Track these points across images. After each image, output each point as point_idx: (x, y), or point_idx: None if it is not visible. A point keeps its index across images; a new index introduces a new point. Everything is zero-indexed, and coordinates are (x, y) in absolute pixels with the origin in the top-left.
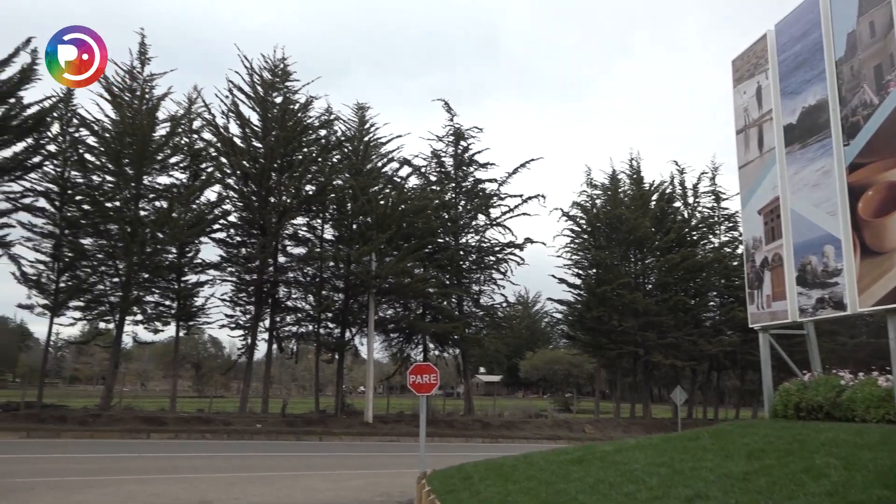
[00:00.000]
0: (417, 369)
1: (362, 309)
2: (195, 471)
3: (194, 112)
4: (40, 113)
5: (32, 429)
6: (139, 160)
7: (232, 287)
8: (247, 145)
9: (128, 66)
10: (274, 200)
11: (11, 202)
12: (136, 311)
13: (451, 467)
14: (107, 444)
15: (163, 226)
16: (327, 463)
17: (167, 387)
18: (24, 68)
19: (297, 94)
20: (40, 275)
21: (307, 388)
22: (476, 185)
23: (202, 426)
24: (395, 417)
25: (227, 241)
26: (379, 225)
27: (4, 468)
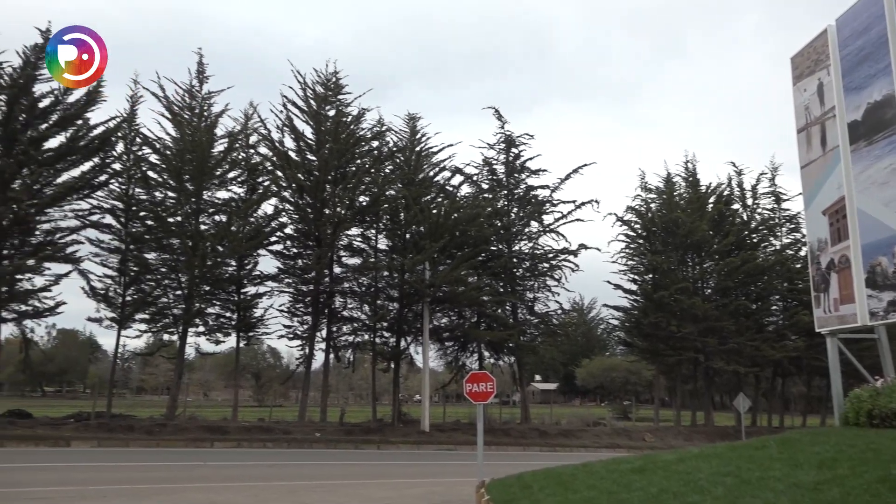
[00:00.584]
0: (474, 378)
1: (417, 318)
2: (257, 479)
3: (250, 127)
4: (105, 133)
5: (103, 438)
6: (199, 176)
7: (289, 298)
8: (301, 158)
9: (187, 86)
10: (329, 212)
11: (80, 219)
12: (198, 322)
13: (510, 476)
14: (172, 453)
15: (222, 239)
16: (386, 471)
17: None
18: (90, 91)
19: (349, 107)
20: (108, 289)
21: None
22: (528, 192)
23: (263, 435)
24: (452, 426)
25: (284, 253)
26: (432, 234)
27: (78, 476)
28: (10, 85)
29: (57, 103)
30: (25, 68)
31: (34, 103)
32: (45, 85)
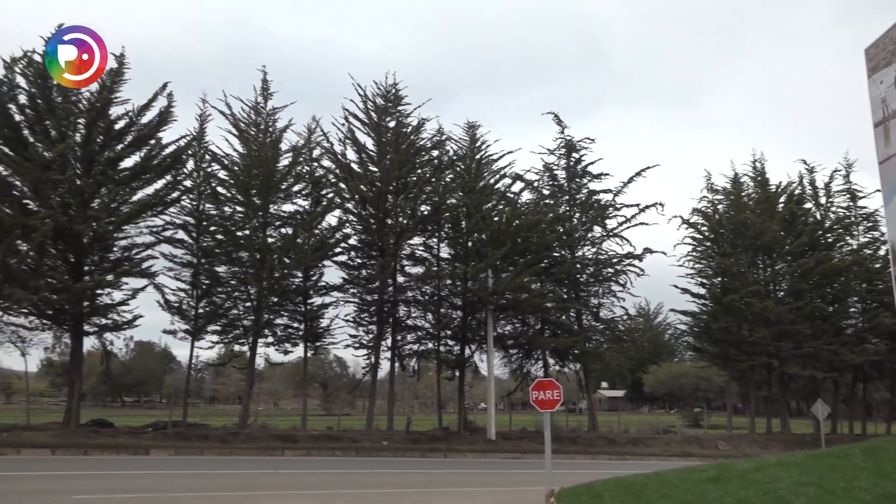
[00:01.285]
0: (540, 385)
1: (481, 325)
2: (327, 487)
3: (314, 141)
4: (177, 151)
5: (180, 446)
6: (265, 190)
7: (354, 308)
8: (363, 170)
9: (252, 103)
10: (391, 222)
11: (154, 235)
12: (268, 333)
13: (580, 485)
14: (245, 461)
15: (289, 251)
16: (453, 479)
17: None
18: (162, 111)
19: (409, 118)
20: (181, 302)
21: (429, 406)
22: (590, 197)
23: (331, 443)
24: (518, 434)
25: (349, 264)
26: (494, 241)
27: (156, 483)
28: (88, 109)
29: (131, 124)
30: (102, 92)
31: (110, 125)
32: (120, 108)
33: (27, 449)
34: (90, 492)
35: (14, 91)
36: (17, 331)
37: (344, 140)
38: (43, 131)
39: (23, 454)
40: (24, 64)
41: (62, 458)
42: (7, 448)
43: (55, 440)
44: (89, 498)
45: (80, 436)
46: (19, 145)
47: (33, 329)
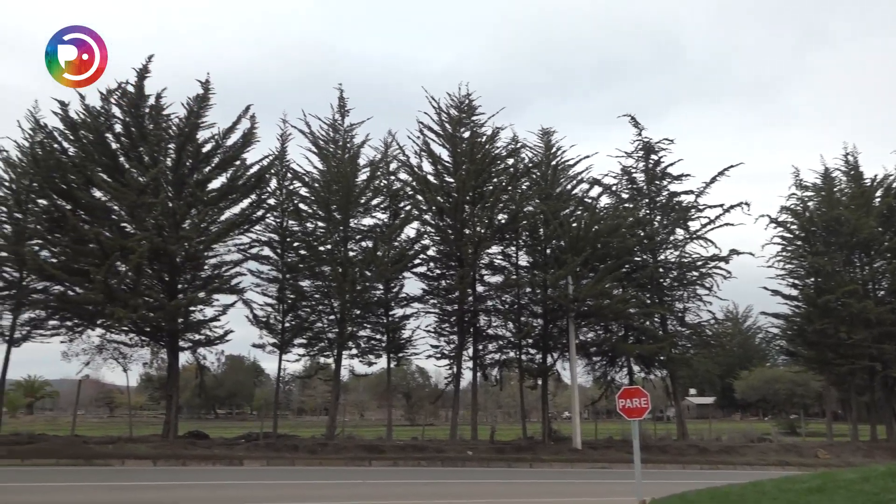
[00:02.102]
0: (626, 393)
1: (562, 333)
2: (416, 497)
3: (390, 155)
4: (260, 171)
5: (272, 457)
6: (345, 205)
7: (435, 318)
8: (440, 181)
9: (330, 120)
10: (469, 232)
11: (242, 253)
12: (351, 345)
13: (672, 495)
14: (334, 471)
15: (370, 264)
16: (540, 489)
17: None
18: (246, 133)
19: (483, 127)
20: (269, 316)
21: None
22: (671, 199)
23: (417, 453)
24: (605, 443)
25: (428, 275)
26: (573, 247)
27: (250, 493)
28: (177, 134)
29: (217, 147)
30: (189, 117)
31: (198, 149)
32: (207, 132)
33: (131, 460)
34: (190, 501)
35: (110, 121)
36: (118, 347)
37: (420, 152)
38: (137, 158)
39: (127, 465)
40: (118, 95)
41: (163, 469)
42: (113, 459)
43: (156, 451)
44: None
45: (179, 447)
46: (116, 172)
47: (133, 346)
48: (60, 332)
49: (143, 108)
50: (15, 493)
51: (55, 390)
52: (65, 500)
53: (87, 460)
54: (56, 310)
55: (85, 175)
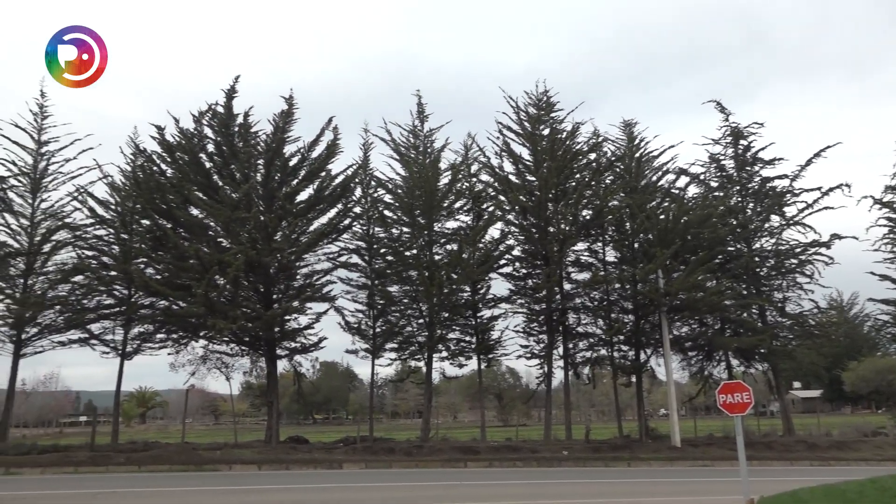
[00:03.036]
0: (727, 388)
1: (655, 329)
2: (514, 498)
3: (471, 157)
4: (345, 181)
5: (369, 460)
6: (429, 209)
7: (523, 318)
8: (521, 180)
9: (410, 127)
10: (553, 230)
11: (331, 261)
12: (441, 348)
13: (783, 493)
14: (431, 473)
15: (455, 267)
16: (640, 489)
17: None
18: (329, 144)
19: (562, 123)
20: (360, 322)
21: (606, 413)
22: (764, 185)
23: (512, 454)
24: (705, 440)
25: (514, 275)
26: (662, 240)
27: (351, 496)
28: (265, 150)
29: (303, 160)
30: (276, 133)
31: (286, 163)
32: (293, 146)
33: (237, 465)
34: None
35: (203, 141)
36: (221, 357)
37: (500, 153)
38: (229, 175)
39: (234, 470)
40: (209, 116)
41: (267, 473)
42: (221, 465)
43: (260, 456)
44: None
45: (281, 452)
46: (211, 190)
47: (234, 355)
48: (167, 345)
49: (233, 127)
50: (137, 498)
51: (164, 400)
52: (187, 502)
53: (197, 466)
54: (162, 324)
55: (182, 194)
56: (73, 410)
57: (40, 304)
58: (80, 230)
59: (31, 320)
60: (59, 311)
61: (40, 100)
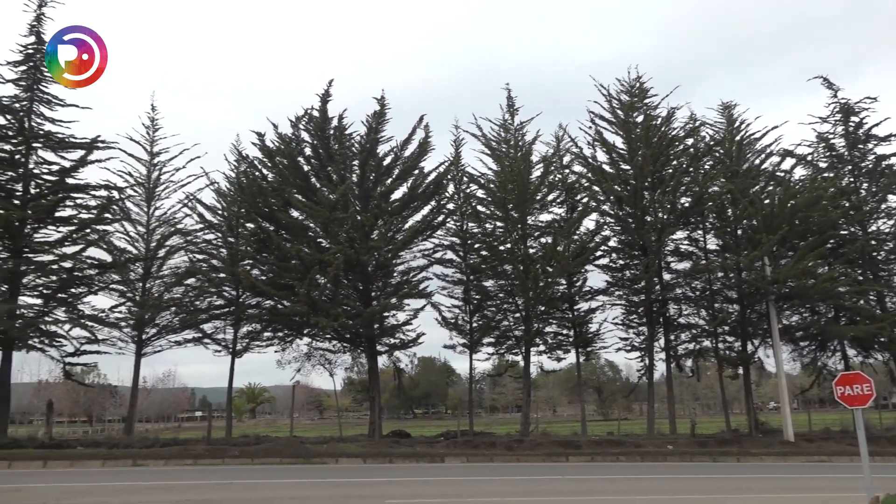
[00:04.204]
0: (845, 379)
1: (762, 318)
2: (619, 493)
3: (562, 148)
4: (438, 178)
5: (470, 454)
6: (522, 203)
7: (622, 310)
8: (616, 170)
9: (500, 121)
10: (650, 219)
11: (427, 258)
12: (539, 341)
13: None
14: (533, 467)
15: (550, 260)
16: (751, 485)
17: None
18: (421, 142)
19: (657, 110)
20: (456, 318)
21: (712, 407)
22: (879, 163)
23: (614, 448)
24: (821, 435)
25: (611, 266)
26: (767, 226)
27: (454, 489)
28: (360, 151)
29: (396, 159)
30: (369, 134)
31: (380, 163)
32: (386, 145)
33: (343, 458)
34: (399, 497)
35: (301, 145)
36: (324, 354)
37: (592, 143)
38: (326, 177)
39: (340, 463)
40: (305, 121)
41: (371, 467)
42: (327, 458)
43: (364, 450)
44: (400, 503)
45: (385, 446)
46: (309, 192)
47: (336, 352)
48: (274, 343)
49: (328, 130)
50: (251, 490)
51: (272, 396)
52: (295, 494)
53: (305, 459)
54: (269, 322)
55: (283, 197)
56: (189, 406)
57: (157, 305)
58: (191, 235)
59: (149, 321)
60: (175, 312)
61: (151, 113)
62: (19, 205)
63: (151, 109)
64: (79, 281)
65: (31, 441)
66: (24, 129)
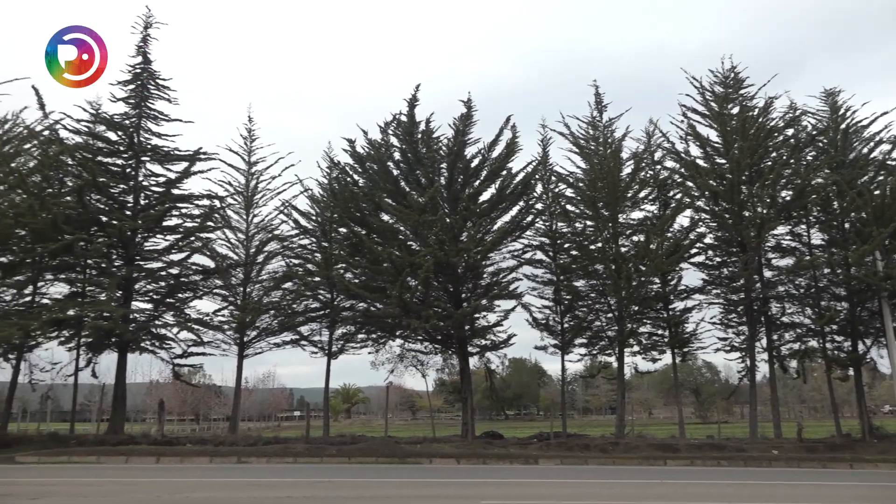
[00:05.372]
0: None
1: (874, 316)
2: (722, 499)
3: (653, 144)
4: (525, 178)
5: (564, 456)
6: (612, 201)
7: (720, 309)
8: (710, 164)
9: (588, 118)
10: (749, 214)
11: (516, 259)
12: (632, 342)
13: None
14: (629, 471)
15: (643, 259)
16: (872, 494)
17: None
18: (508, 143)
19: (753, 100)
20: (547, 318)
21: (819, 410)
22: None
23: (715, 452)
24: None
25: (707, 264)
26: (878, 218)
27: (550, 490)
28: (447, 154)
29: (484, 161)
30: (457, 136)
31: (467, 165)
32: (473, 147)
33: (437, 458)
34: (495, 497)
35: (390, 150)
36: (416, 355)
37: (685, 137)
38: (415, 180)
39: (434, 463)
40: (394, 126)
41: (465, 467)
42: (422, 458)
43: (458, 451)
44: (496, 503)
45: (478, 446)
46: (399, 196)
47: (428, 353)
48: (367, 344)
49: (416, 134)
50: (352, 488)
51: (366, 396)
52: (392, 493)
53: (400, 459)
54: (362, 324)
55: (374, 202)
56: (287, 406)
57: (257, 309)
58: (287, 241)
59: (250, 324)
60: (274, 315)
61: (248, 125)
62: (131, 216)
63: (248, 121)
64: (185, 286)
65: (145, 438)
66: (134, 144)
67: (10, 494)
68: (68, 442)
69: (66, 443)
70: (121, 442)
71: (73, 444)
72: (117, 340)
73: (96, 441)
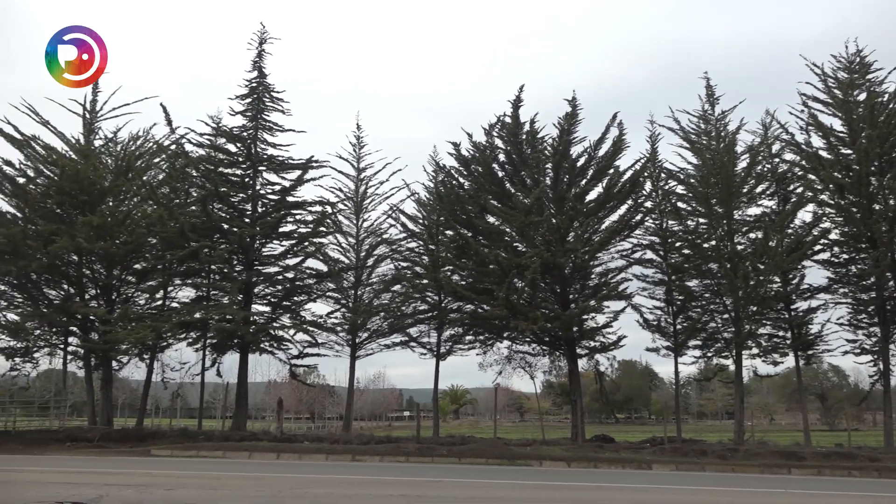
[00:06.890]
0: None
1: None
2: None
3: (770, 136)
4: (634, 176)
5: (679, 462)
6: (727, 197)
7: (848, 309)
8: (834, 155)
9: (699, 112)
10: (879, 207)
11: (625, 258)
12: (751, 344)
13: None
14: (750, 479)
15: (761, 257)
16: None
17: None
18: (615, 141)
19: (882, 85)
20: (659, 319)
21: None
22: None
23: (844, 462)
24: None
25: (833, 261)
26: None
27: (666, 497)
28: (552, 154)
29: (590, 160)
30: (562, 136)
31: (573, 164)
32: (579, 146)
33: (547, 461)
34: (607, 502)
35: (495, 152)
36: (524, 357)
37: (806, 127)
38: (520, 181)
39: (544, 465)
40: (498, 128)
41: (576, 471)
42: (531, 460)
43: (568, 454)
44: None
45: (588, 450)
46: (504, 197)
47: (535, 355)
48: (475, 346)
49: (521, 135)
50: (462, 488)
51: (474, 398)
52: (502, 495)
53: (510, 460)
54: (470, 326)
55: (479, 204)
56: (397, 406)
57: (368, 311)
58: (396, 244)
59: (361, 326)
60: (384, 317)
61: (357, 132)
62: (249, 223)
63: (357, 128)
64: (300, 289)
65: (265, 435)
66: (252, 155)
67: (150, 485)
68: (197, 437)
69: (195, 438)
70: (244, 438)
71: (202, 439)
72: (239, 341)
73: (222, 437)
